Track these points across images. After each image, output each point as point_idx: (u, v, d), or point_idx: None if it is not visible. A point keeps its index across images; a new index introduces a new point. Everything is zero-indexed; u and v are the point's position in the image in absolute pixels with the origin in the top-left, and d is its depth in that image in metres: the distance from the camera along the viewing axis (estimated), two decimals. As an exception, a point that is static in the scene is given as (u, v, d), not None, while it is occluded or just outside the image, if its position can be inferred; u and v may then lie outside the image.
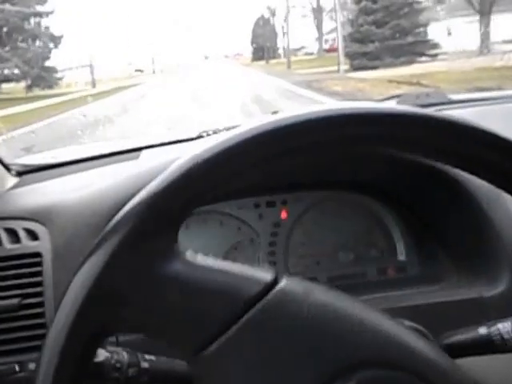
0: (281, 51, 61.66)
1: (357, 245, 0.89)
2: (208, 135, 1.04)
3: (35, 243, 0.72)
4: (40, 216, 0.75)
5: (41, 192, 0.85)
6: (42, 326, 0.67)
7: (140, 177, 0.74)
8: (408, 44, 19.25)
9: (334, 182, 0.89)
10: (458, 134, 0.38)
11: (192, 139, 1.06)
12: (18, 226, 0.75)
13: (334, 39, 46.51)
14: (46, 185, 0.89)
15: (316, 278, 0.85)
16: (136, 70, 44.87)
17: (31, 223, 0.75)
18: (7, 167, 0.91)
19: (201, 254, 0.39)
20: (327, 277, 0.86)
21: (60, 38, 22.92)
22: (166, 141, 1.06)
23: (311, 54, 56.12)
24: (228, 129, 0.83)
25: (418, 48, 19.51)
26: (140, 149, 1.01)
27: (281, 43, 54.45)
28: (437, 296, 0.73)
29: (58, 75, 23.21)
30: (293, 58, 45.73)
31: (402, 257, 0.88)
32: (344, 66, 18.09)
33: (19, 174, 0.95)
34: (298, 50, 63.07)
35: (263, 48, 63.00)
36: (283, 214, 0.87)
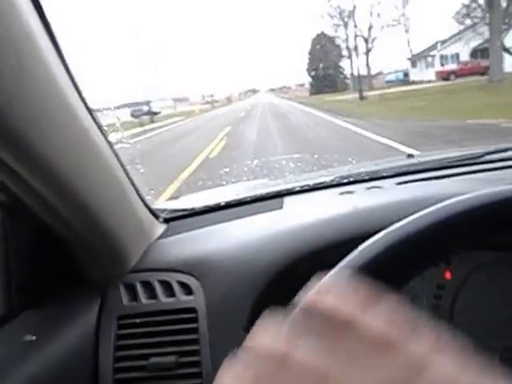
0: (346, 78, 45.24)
1: None
2: (349, 182, 1.03)
3: (190, 298, 0.72)
4: (193, 269, 0.75)
5: (191, 242, 0.85)
6: None
7: (295, 233, 0.76)
8: None
9: (504, 243, 0.79)
10: None
11: (332, 186, 1.04)
12: (172, 278, 0.75)
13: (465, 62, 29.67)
14: (194, 234, 0.88)
15: (490, 345, 0.74)
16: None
17: (185, 276, 0.75)
18: (155, 214, 0.91)
19: None
20: (502, 346, 0.77)
21: None
22: (308, 186, 1.04)
23: (405, 81, 39.47)
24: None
25: None
26: (281, 195, 1.02)
27: (355, 67, 37.73)
28: None
29: None
30: (390, 90, 29.56)
31: None
32: None
33: (166, 220, 0.95)
34: (374, 76, 46.66)
35: (325, 76, 47.16)
36: (447, 275, 0.80)
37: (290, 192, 1.03)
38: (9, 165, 0.51)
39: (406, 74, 38.82)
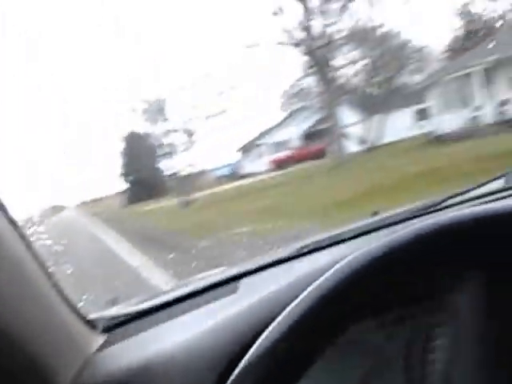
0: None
1: None
2: (307, 252, 0.94)
3: None
4: (139, 378, 0.68)
5: (135, 349, 0.76)
6: None
7: (248, 313, 0.71)
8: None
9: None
10: None
11: (290, 259, 0.94)
12: None
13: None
14: (138, 339, 0.79)
15: None
16: None
17: None
18: (92, 324, 0.82)
19: None
20: None
21: None
22: (262, 264, 0.95)
23: (236, 175, 34.59)
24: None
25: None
26: (235, 278, 0.92)
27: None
28: None
29: None
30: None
31: None
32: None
33: (106, 329, 0.85)
34: (199, 174, 41.24)
35: (142, 181, 40.42)
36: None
37: (243, 274, 0.94)
38: None
39: (237, 167, 34.32)
